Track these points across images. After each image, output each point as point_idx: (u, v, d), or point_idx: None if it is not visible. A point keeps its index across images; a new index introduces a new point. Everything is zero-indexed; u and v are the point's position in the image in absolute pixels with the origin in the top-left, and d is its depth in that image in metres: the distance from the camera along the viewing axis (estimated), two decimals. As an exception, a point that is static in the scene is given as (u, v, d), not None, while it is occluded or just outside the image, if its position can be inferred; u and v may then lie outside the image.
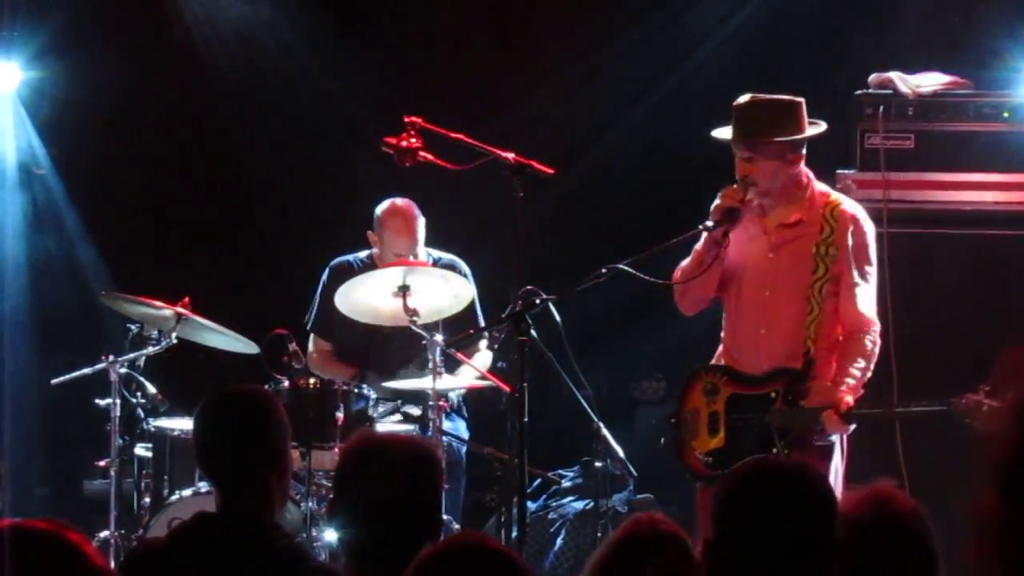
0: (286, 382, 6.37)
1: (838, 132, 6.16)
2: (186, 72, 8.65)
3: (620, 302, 7.42)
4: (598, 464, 6.84)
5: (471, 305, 6.72)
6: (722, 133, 5.82)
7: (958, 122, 6.92)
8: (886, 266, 5.93)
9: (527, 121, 8.15)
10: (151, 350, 6.67)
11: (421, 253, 7.01)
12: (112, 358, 6.59)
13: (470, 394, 7.02)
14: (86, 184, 8.68)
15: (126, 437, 6.68)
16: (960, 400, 5.32)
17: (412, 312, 6.31)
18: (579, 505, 7.64)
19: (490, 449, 6.70)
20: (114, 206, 8.68)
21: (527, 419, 5.42)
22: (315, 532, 6.17)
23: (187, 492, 6.41)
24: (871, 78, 7.03)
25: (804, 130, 5.76)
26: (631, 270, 5.60)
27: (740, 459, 5.53)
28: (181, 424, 6.59)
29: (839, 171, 6.74)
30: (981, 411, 5.23)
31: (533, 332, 5.57)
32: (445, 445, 6.53)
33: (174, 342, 6.63)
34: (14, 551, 2.49)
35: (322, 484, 6.34)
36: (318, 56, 8.75)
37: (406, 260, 6.83)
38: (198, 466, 4.26)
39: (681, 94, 8.39)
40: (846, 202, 5.85)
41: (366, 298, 6.49)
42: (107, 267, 8.58)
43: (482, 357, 6.97)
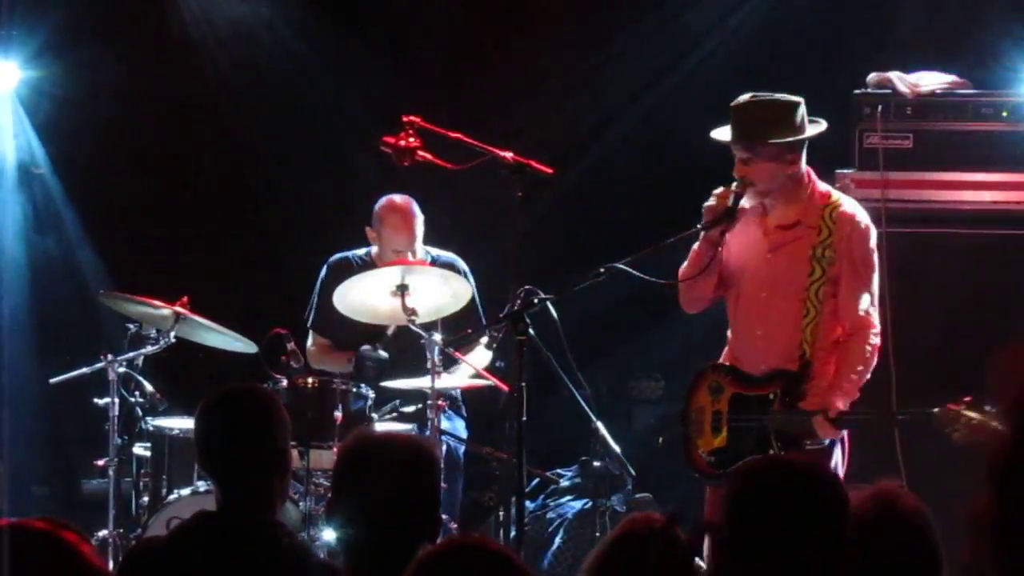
0: (284, 381, 6.38)
1: (837, 132, 6.15)
2: (184, 71, 8.65)
3: (618, 302, 7.41)
4: (596, 463, 6.85)
5: (471, 304, 6.71)
6: (721, 134, 5.80)
7: (957, 121, 6.91)
8: (884, 266, 5.92)
9: (526, 120, 8.15)
10: (150, 349, 6.67)
11: (420, 251, 7.01)
12: (111, 357, 6.59)
13: (469, 393, 7.01)
14: (84, 183, 8.67)
15: (124, 436, 6.69)
16: (942, 410, 5.32)
17: (411, 311, 6.30)
18: (577, 505, 7.64)
19: (488, 448, 6.70)
20: (113, 205, 8.67)
21: (525, 418, 5.43)
22: (313, 531, 6.17)
23: (185, 491, 6.41)
24: (870, 77, 7.02)
25: (802, 131, 5.73)
26: (629, 269, 5.59)
27: (740, 459, 5.61)
28: (180, 423, 6.59)
29: (838, 171, 6.73)
30: (960, 422, 5.24)
31: (531, 331, 5.57)
32: (443, 444, 6.52)
33: (173, 341, 6.64)
34: (10, 550, 2.49)
35: (320, 483, 6.35)
36: (317, 55, 8.74)
37: (405, 259, 6.83)
38: (199, 465, 4.26)
39: (680, 93, 8.39)
40: (846, 203, 5.80)
41: (364, 297, 6.48)
42: (106, 266, 8.57)
43: (481, 356, 6.96)
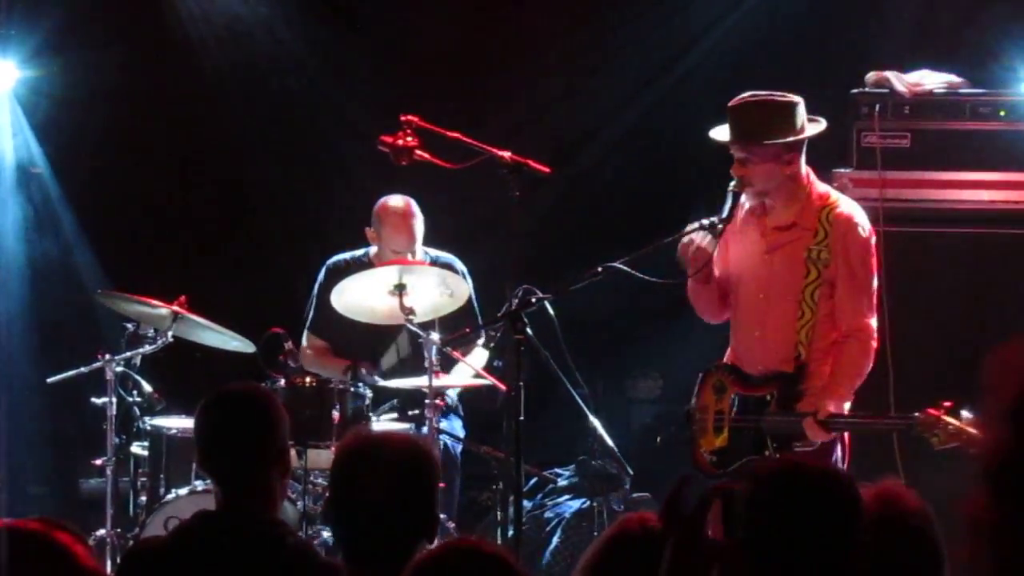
0: (282, 381, 6.38)
1: (834, 131, 6.15)
2: (182, 71, 8.64)
3: (616, 301, 7.41)
4: (594, 463, 6.85)
5: (468, 303, 6.72)
6: (719, 134, 5.79)
7: (954, 121, 6.91)
8: (882, 265, 5.92)
9: (523, 120, 8.15)
10: (147, 349, 6.67)
11: (419, 251, 7.01)
12: (108, 357, 6.59)
13: (466, 393, 7.01)
14: (82, 183, 8.67)
15: (122, 436, 6.68)
16: (922, 415, 5.32)
17: (408, 311, 6.30)
18: (575, 504, 7.62)
19: (486, 448, 6.70)
20: (111, 205, 8.67)
21: (523, 418, 5.43)
22: (311, 531, 6.17)
23: (183, 491, 6.40)
24: (867, 77, 7.01)
25: (800, 131, 5.70)
26: (627, 268, 5.59)
27: (738, 460, 5.61)
28: (177, 423, 6.59)
29: (835, 170, 6.73)
30: (939, 427, 5.24)
31: (529, 331, 5.57)
32: (440, 444, 6.52)
33: (170, 341, 6.63)
34: (4, 552, 2.49)
35: (318, 483, 6.35)
36: (315, 55, 8.74)
37: (403, 259, 6.83)
38: (199, 464, 4.24)
39: (678, 92, 8.38)
40: (843, 204, 5.76)
41: (362, 297, 6.48)
42: (103, 265, 8.56)
43: (478, 356, 6.96)
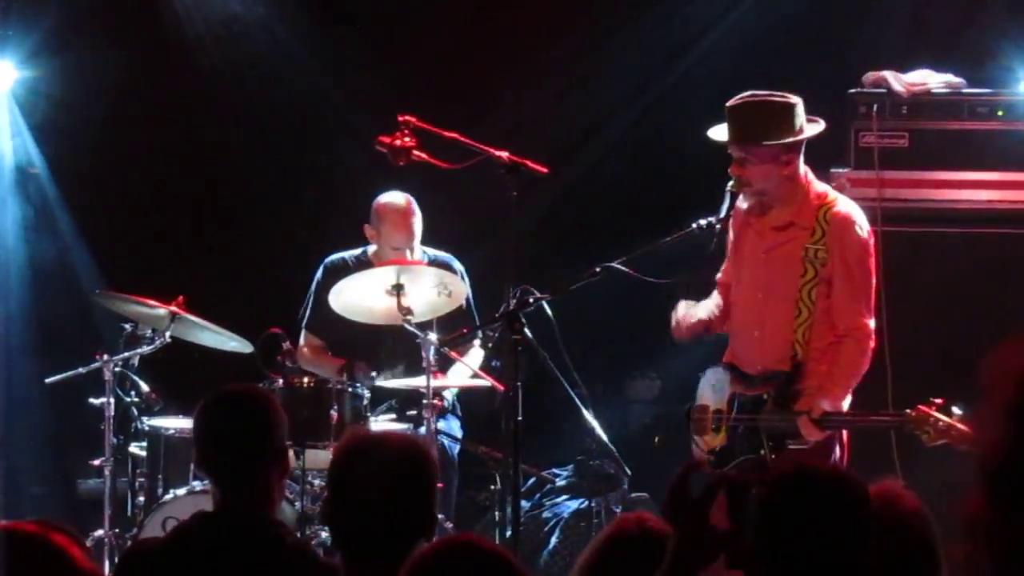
0: (280, 381, 6.38)
1: (832, 131, 6.15)
2: (180, 71, 8.64)
3: (614, 301, 7.40)
4: (592, 463, 6.85)
5: (466, 303, 6.72)
6: (718, 133, 5.79)
7: (952, 120, 6.91)
8: (880, 265, 5.92)
9: (521, 120, 8.14)
10: (145, 349, 6.66)
11: (417, 250, 7.01)
12: (106, 357, 6.58)
13: (464, 393, 7.00)
14: (80, 183, 8.66)
15: (120, 436, 6.68)
16: (914, 412, 5.32)
17: (406, 311, 6.30)
18: (573, 504, 7.63)
19: (484, 448, 6.70)
20: (109, 205, 8.66)
21: (521, 418, 5.43)
22: (309, 531, 6.16)
23: (181, 491, 6.40)
24: (865, 77, 7.02)
25: (799, 132, 5.71)
26: (625, 269, 5.60)
27: (735, 459, 5.62)
28: (175, 423, 6.59)
29: (833, 170, 6.73)
30: (929, 423, 5.25)
31: (527, 331, 5.57)
32: (438, 444, 6.52)
33: (168, 341, 6.63)
34: (1, 554, 2.49)
35: (316, 483, 6.34)
36: (313, 55, 8.73)
37: (401, 258, 6.83)
38: (197, 464, 4.24)
39: (676, 92, 8.38)
40: (840, 204, 5.77)
41: (360, 297, 6.48)
42: (101, 266, 8.56)
43: (476, 356, 6.96)
